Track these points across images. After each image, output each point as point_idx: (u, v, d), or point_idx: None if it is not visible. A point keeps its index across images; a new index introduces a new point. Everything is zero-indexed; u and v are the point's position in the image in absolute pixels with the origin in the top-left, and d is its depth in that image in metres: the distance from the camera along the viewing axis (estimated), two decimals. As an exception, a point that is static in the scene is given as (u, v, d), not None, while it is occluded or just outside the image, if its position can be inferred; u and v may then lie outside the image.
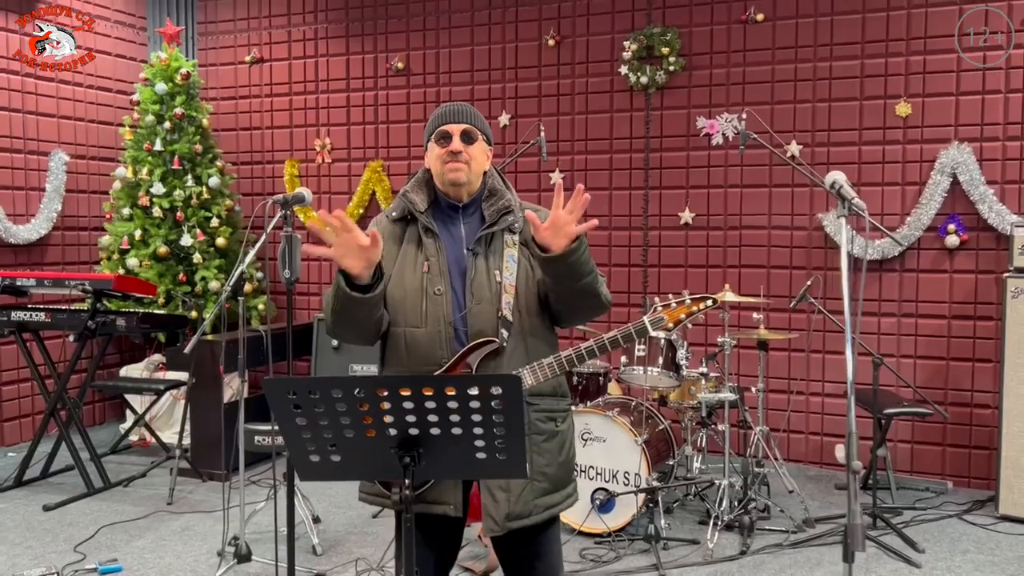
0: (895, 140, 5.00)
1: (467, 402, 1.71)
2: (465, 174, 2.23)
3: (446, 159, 2.23)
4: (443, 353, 2.18)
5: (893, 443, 4.98)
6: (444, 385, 1.70)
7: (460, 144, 2.22)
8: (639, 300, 5.61)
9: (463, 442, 1.79)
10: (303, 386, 1.71)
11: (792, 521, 4.21)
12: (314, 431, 1.78)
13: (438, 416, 1.74)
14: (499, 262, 2.24)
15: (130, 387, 5.43)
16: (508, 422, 1.75)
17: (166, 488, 4.71)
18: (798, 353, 5.27)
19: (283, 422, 1.77)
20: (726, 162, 5.36)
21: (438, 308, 2.19)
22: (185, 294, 5.72)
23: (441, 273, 2.22)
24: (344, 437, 1.79)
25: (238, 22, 6.62)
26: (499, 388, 1.69)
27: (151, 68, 5.99)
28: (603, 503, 4.03)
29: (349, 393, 1.71)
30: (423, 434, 1.78)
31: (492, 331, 2.18)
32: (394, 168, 6.18)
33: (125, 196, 5.92)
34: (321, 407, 1.73)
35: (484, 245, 2.25)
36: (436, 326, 2.19)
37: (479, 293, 2.20)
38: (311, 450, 1.82)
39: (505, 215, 2.27)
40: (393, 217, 2.31)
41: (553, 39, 5.68)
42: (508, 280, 2.22)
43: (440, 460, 1.84)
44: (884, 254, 5.00)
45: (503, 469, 1.86)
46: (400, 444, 1.80)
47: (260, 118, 6.59)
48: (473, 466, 1.85)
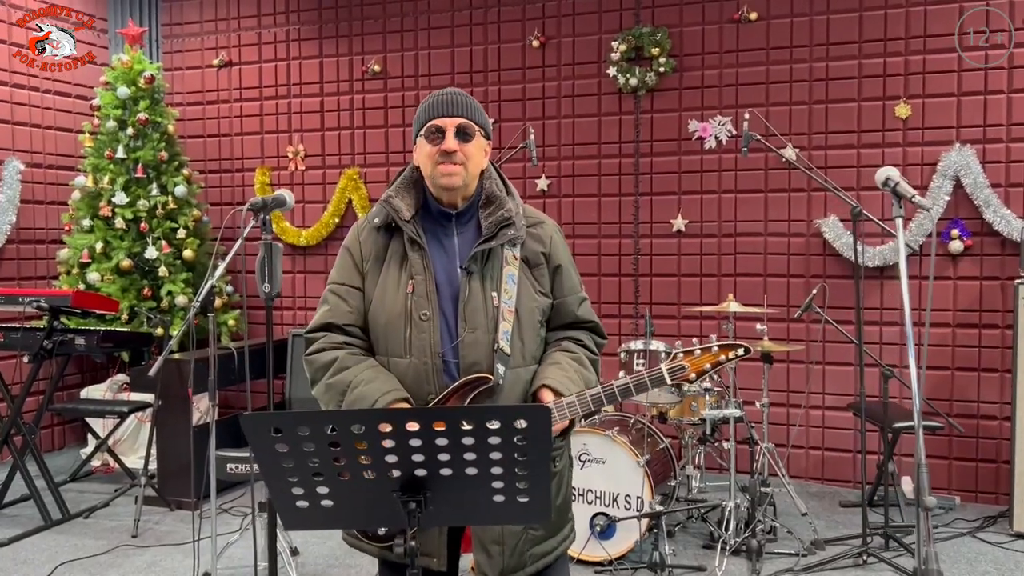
0: (895, 142, 4.82)
1: (486, 438, 1.45)
2: (461, 178, 1.93)
3: (439, 159, 1.93)
4: (430, 388, 1.89)
5: (898, 457, 4.78)
6: (460, 418, 1.43)
7: (455, 142, 1.93)
8: (630, 311, 5.37)
9: (479, 484, 1.52)
10: (290, 422, 1.43)
11: (801, 543, 3.99)
12: (302, 474, 1.51)
13: (450, 454, 1.48)
14: (497, 283, 1.93)
15: (91, 410, 5.08)
16: (533, 460, 1.49)
17: (130, 519, 4.38)
18: (796, 365, 5.06)
19: (265, 463, 1.50)
20: (720, 167, 5.15)
21: (424, 336, 1.89)
22: (150, 310, 5.39)
23: (428, 294, 1.91)
24: (337, 480, 1.51)
25: (205, 24, 6.31)
26: (525, 421, 1.44)
27: (112, 71, 5.66)
28: (603, 529, 3.77)
29: (345, 429, 1.44)
30: (431, 475, 1.51)
31: (487, 364, 1.89)
32: (371, 175, 5.90)
33: (85, 206, 5.58)
34: (311, 446, 1.46)
35: (480, 262, 1.95)
36: (422, 357, 1.89)
37: (473, 319, 1.90)
38: (298, 495, 1.55)
39: (505, 227, 1.96)
40: (376, 224, 2.00)
41: (538, 40, 5.45)
42: (507, 305, 1.91)
43: (450, 505, 1.57)
44: (885, 260, 4.82)
45: (523, 514, 1.60)
46: (404, 487, 1.53)
47: (229, 124, 6.28)
48: (489, 511, 1.59)
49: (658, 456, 4.00)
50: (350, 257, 2.02)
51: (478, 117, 1.99)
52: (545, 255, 2.03)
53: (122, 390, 5.48)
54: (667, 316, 5.25)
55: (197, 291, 5.59)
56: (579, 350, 2.04)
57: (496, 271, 1.95)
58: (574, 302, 2.07)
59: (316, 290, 6.05)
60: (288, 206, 2.51)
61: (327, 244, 6.01)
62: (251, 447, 1.46)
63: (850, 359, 4.92)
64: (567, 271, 2.07)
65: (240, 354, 4.83)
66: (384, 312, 1.93)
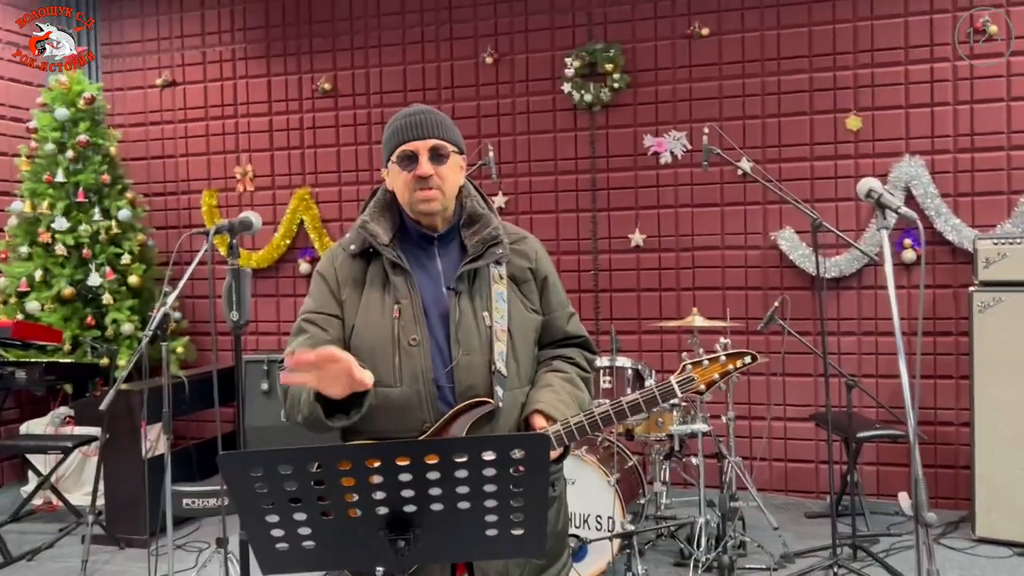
0: (847, 154, 4.89)
1: (481, 469, 1.37)
2: (440, 202, 1.85)
3: (414, 186, 1.84)
4: (424, 416, 1.79)
5: (860, 467, 4.80)
6: (453, 451, 1.35)
7: (429, 167, 1.83)
8: (591, 328, 5.33)
9: (472, 518, 1.45)
10: (271, 460, 1.33)
11: (771, 557, 3.96)
12: (282, 515, 1.41)
13: (442, 488, 1.40)
14: (487, 302, 1.86)
15: (33, 446, 4.84)
16: (529, 491, 1.42)
17: (78, 559, 4.14)
18: (757, 377, 5.07)
19: (243, 504, 1.40)
20: (676, 181, 5.17)
21: (415, 362, 1.80)
22: (95, 339, 5.18)
23: (416, 319, 1.82)
24: (321, 520, 1.42)
25: (147, 43, 6.13)
26: (521, 451, 1.36)
27: (50, 92, 5.45)
28: (575, 551, 3.70)
29: (331, 466, 1.35)
30: (421, 510, 1.43)
31: (485, 387, 1.81)
32: (323, 195, 5.77)
33: (23, 233, 5.34)
34: (294, 485, 1.36)
35: (467, 282, 1.87)
36: (414, 384, 1.79)
37: (467, 341, 1.82)
38: (277, 537, 1.45)
39: (492, 246, 1.89)
40: (352, 251, 1.90)
41: (491, 57, 5.41)
42: (499, 325, 1.84)
43: (440, 541, 1.49)
44: (841, 271, 4.87)
45: (517, 547, 1.52)
46: (391, 524, 1.44)
47: (174, 145, 6.09)
48: (481, 545, 1.51)
49: (627, 474, 3.95)
50: (325, 284, 1.90)
51: (449, 134, 1.90)
52: (532, 270, 1.97)
53: (65, 424, 5.23)
54: (628, 331, 5.22)
55: (143, 318, 5.44)
56: (571, 369, 1.97)
57: (484, 290, 1.88)
58: (563, 317, 2.02)
59: (268, 314, 5.89)
60: (255, 229, 2.39)
61: (278, 266, 5.86)
62: (228, 487, 1.36)
63: (810, 370, 4.96)
64: (555, 285, 2.01)
65: (191, 383, 4.67)
66: (368, 339, 1.82)
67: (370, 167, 5.68)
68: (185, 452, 4.84)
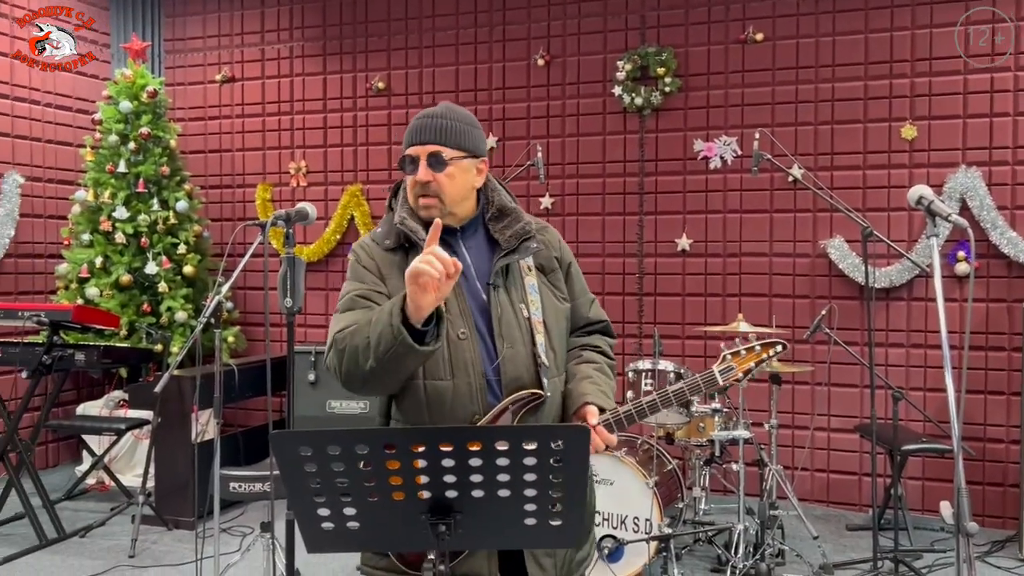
0: (901, 164, 4.82)
1: (521, 458, 1.40)
2: (438, 210, 1.85)
3: (417, 191, 1.87)
4: (475, 408, 1.82)
5: (904, 480, 4.74)
6: (495, 439, 1.39)
7: (427, 172, 1.84)
8: (634, 331, 5.34)
9: (511, 506, 1.48)
10: (320, 440, 1.39)
11: (810, 567, 3.94)
12: (329, 495, 1.46)
13: (483, 475, 1.43)
14: (521, 294, 1.89)
15: (88, 427, 5.01)
16: (569, 482, 1.45)
17: (127, 538, 4.29)
18: (801, 386, 5.03)
19: (292, 483, 1.45)
20: (725, 186, 5.14)
21: (464, 355, 1.82)
22: (150, 326, 5.33)
23: (463, 313, 1.85)
24: (366, 501, 1.47)
25: (208, 39, 6.29)
26: (562, 441, 1.39)
27: (115, 85, 5.63)
28: (611, 551, 3.71)
29: (378, 449, 1.39)
30: (462, 497, 1.46)
31: (530, 379, 1.85)
32: (373, 192, 5.87)
33: (85, 221, 5.53)
34: (341, 465, 1.41)
35: (502, 276, 1.90)
36: (465, 377, 1.81)
37: (509, 335, 1.85)
38: (324, 516, 1.50)
39: (526, 240, 1.91)
40: (388, 246, 1.91)
41: (543, 58, 5.45)
42: (536, 316, 1.88)
43: (480, 528, 1.52)
44: (892, 282, 4.80)
45: (555, 537, 1.55)
46: (433, 509, 1.48)
47: (231, 139, 6.25)
48: (520, 534, 1.55)
49: (666, 477, 3.95)
50: (368, 271, 1.91)
51: (455, 140, 1.86)
52: (557, 259, 2.00)
53: (119, 407, 5.40)
54: (671, 336, 5.21)
55: (197, 307, 5.59)
56: (600, 359, 2.02)
57: (518, 283, 1.91)
58: (585, 303, 2.06)
59: (317, 307, 6.00)
60: (311, 219, 2.46)
61: (328, 261, 5.97)
62: (278, 465, 1.41)
63: (856, 381, 4.90)
64: (577, 272, 2.06)
65: (240, 372, 4.78)
66: None
67: (420, 165, 5.74)
68: (233, 438, 4.96)
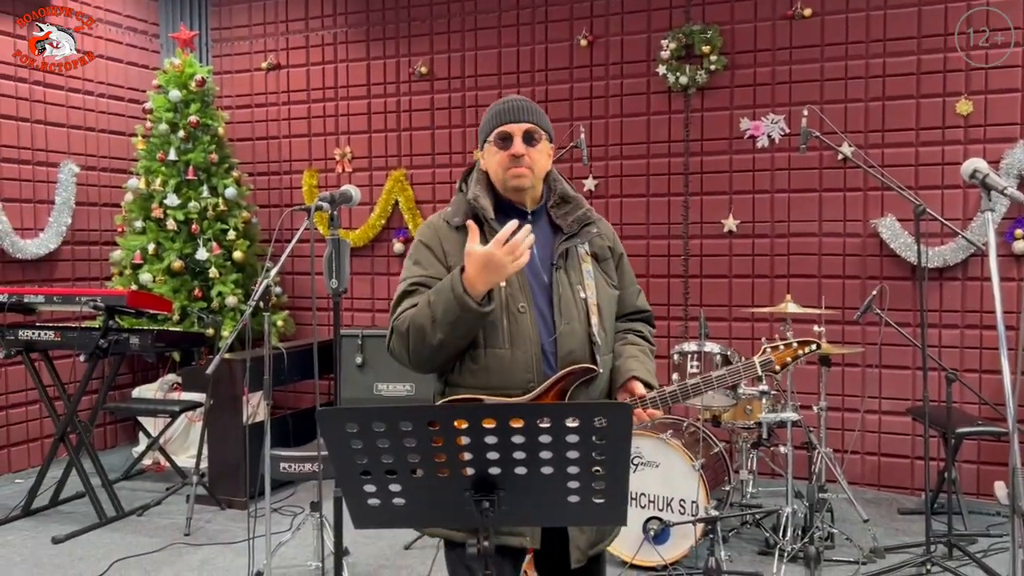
0: (955, 140, 4.69)
1: (563, 435, 1.41)
2: (529, 179, 2.03)
3: (508, 164, 2.02)
4: (531, 377, 1.94)
5: (958, 464, 4.64)
6: (537, 416, 1.40)
7: (522, 146, 2.02)
8: (679, 313, 5.30)
9: (554, 483, 1.49)
10: (366, 417, 1.41)
11: (860, 551, 3.88)
12: (375, 471, 1.48)
13: (526, 452, 1.44)
14: (579, 277, 2.04)
15: (144, 409, 5.14)
16: (611, 460, 1.45)
17: (182, 517, 4.41)
18: (852, 368, 4.94)
19: (339, 460, 1.47)
20: (772, 166, 5.06)
21: (523, 328, 1.96)
22: (201, 310, 5.44)
23: (523, 288, 1.99)
24: (411, 478, 1.49)
25: (254, 27, 6.36)
26: (604, 419, 1.39)
27: (164, 74, 5.74)
28: (657, 533, 3.71)
29: (421, 425, 1.41)
30: (505, 474, 1.48)
31: (583, 353, 1.98)
32: (417, 177, 5.90)
33: (138, 208, 5.66)
34: (386, 442, 1.43)
35: (563, 258, 2.05)
36: (523, 347, 1.95)
37: (567, 312, 1.99)
38: (370, 493, 1.53)
39: (587, 226, 2.08)
40: (456, 223, 2.05)
41: (586, 39, 5.40)
42: (591, 298, 2.03)
43: (523, 504, 1.54)
44: (945, 261, 4.69)
45: (597, 515, 1.56)
46: (476, 486, 1.50)
47: (277, 126, 6.33)
48: (562, 511, 1.56)
49: (712, 460, 3.92)
50: (431, 252, 2.05)
51: (543, 122, 2.09)
52: (611, 248, 2.16)
53: (172, 390, 5.54)
54: (718, 318, 5.16)
55: (246, 291, 5.69)
56: (643, 343, 2.18)
57: (576, 266, 2.05)
58: (633, 293, 2.23)
59: (363, 292, 6.07)
60: (355, 201, 2.50)
61: (373, 246, 6.02)
62: (325, 442, 1.44)
63: (908, 362, 4.80)
64: (627, 262, 2.23)
65: (289, 355, 4.86)
66: None
67: (463, 150, 5.76)
68: (282, 420, 5.05)
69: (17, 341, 4.53)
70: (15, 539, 4.25)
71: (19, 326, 4.60)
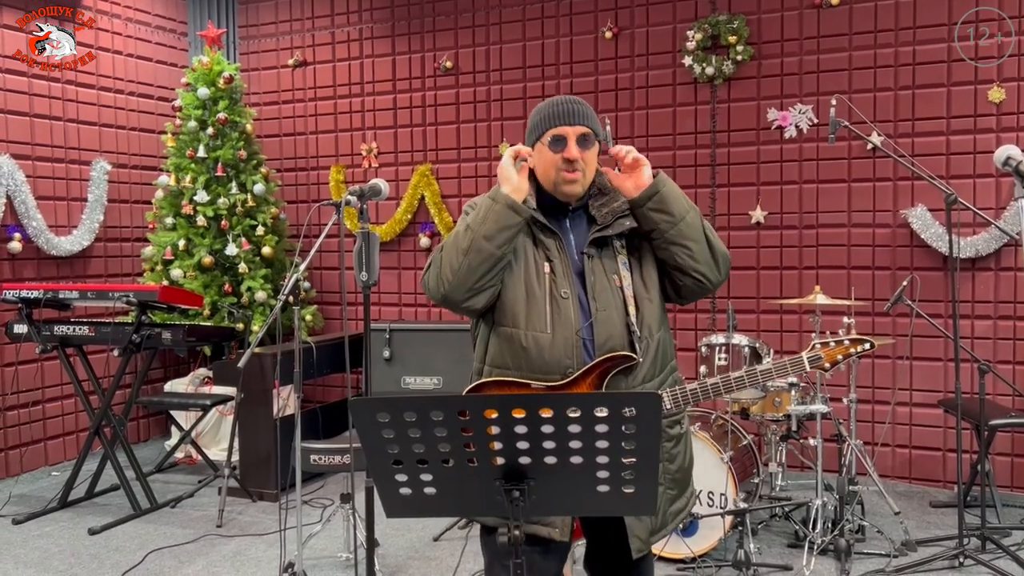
0: (988, 128, 4.62)
1: (593, 425, 1.42)
2: (580, 185, 2.06)
3: (561, 167, 2.03)
4: (570, 363, 1.98)
5: (992, 456, 4.58)
6: (566, 405, 1.40)
7: (577, 151, 2.03)
8: (707, 305, 5.28)
9: (583, 473, 1.50)
10: (397, 407, 1.42)
11: (892, 544, 3.85)
12: (407, 460, 1.50)
13: (555, 442, 1.45)
14: (615, 266, 2.07)
15: (176, 403, 5.22)
16: (641, 450, 1.45)
17: (215, 509, 4.48)
18: (882, 360, 4.89)
19: (371, 449, 1.49)
20: (800, 156, 5.02)
21: (565, 314, 2.01)
22: (231, 305, 5.50)
23: (566, 275, 2.04)
24: (442, 467, 1.50)
25: (280, 24, 6.41)
26: (633, 409, 1.40)
27: (193, 72, 5.80)
28: (686, 526, 3.70)
29: (452, 415, 1.42)
30: (535, 463, 1.49)
31: (620, 340, 2.01)
32: (443, 171, 5.91)
33: (168, 205, 5.73)
34: (417, 432, 1.45)
35: (598, 247, 2.08)
36: (564, 332, 2.00)
37: (603, 299, 2.03)
38: (402, 482, 1.54)
39: (621, 218, 2.09)
40: None
41: (610, 31, 5.39)
42: (627, 288, 2.06)
43: (553, 494, 1.55)
44: (978, 251, 4.62)
45: (627, 505, 1.57)
46: (507, 475, 1.51)
47: (304, 123, 6.37)
48: (592, 501, 1.56)
49: (741, 452, 3.91)
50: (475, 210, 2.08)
51: (595, 124, 2.10)
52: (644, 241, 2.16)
53: (204, 384, 5.61)
54: (746, 310, 5.13)
55: (275, 287, 5.74)
56: None
57: (611, 256, 2.08)
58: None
59: (389, 286, 6.11)
60: (383, 195, 2.52)
61: (400, 240, 6.05)
62: (357, 432, 1.46)
63: (939, 354, 4.74)
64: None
65: (318, 349, 4.91)
66: (523, 288, 2.03)
67: (488, 144, 5.77)
68: (312, 414, 5.09)
69: (52, 336, 4.61)
70: (53, 530, 4.34)
71: (54, 322, 4.68)
